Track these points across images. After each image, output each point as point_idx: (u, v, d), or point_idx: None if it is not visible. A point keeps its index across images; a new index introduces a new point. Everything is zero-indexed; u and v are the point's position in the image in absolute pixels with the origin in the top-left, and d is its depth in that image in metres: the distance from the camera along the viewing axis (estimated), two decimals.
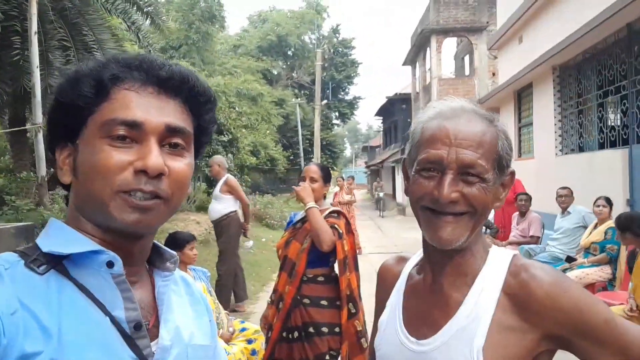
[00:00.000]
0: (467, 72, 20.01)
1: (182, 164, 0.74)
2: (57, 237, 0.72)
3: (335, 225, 2.68)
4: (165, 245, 3.39)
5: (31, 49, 7.42)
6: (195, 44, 23.26)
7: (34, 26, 7.71)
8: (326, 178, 2.88)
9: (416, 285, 1.01)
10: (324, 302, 2.67)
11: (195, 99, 0.77)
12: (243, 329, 3.61)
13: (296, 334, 2.67)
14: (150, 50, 12.08)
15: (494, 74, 16.37)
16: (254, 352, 3.48)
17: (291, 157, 25.65)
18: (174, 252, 0.84)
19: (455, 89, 17.72)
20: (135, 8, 10.95)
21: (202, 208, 12.31)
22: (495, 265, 0.93)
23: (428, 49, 18.46)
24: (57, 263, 0.69)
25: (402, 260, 1.10)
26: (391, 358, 0.99)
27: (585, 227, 5.79)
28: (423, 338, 0.93)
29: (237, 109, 13.70)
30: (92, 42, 9.88)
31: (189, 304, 0.86)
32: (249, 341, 3.50)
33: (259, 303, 6.61)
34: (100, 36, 10.02)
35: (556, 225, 6.25)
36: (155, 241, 0.82)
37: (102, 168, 0.69)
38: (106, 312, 0.69)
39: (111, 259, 0.70)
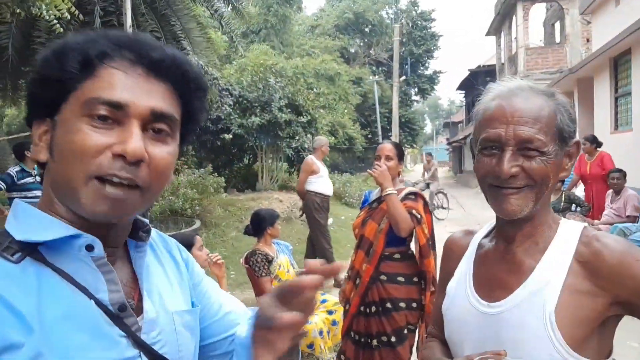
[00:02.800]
0: (557, 39, 18.64)
1: (164, 152, 0.70)
2: (29, 223, 0.68)
3: (414, 210, 2.69)
4: (252, 221, 3.68)
5: None
6: (274, 27, 23.72)
7: (129, 20, 8.37)
8: (400, 156, 2.90)
9: (487, 253, 1.08)
10: (400, 279, 2.73)
11: (186, 84, 0.73)
12: (323, 301, 3.81)
13: (374, 308, 2.76)
14: (232, 36, 12.56)
15: (588, 40, 15.12)
16: (334, 323, 3.67)
17: (369, 136, 25.54)
18: (146, 221, 0.80)
19: (545, 58, 16.62)
20: None
21: (284, 187, 12.74)
22: (567, 234, 0.99)
23: (514, 16, 17.39)
24: (32, 250, 0.66)
25: (469, 232, 1.19)
26: (461, 320, 1.06)
27: None
28: (495, 301, 1.00)
29: (315, 89, 13.89)
30: (179, 31, 10.47)
31: (169, 267, 0.85)
32: (330, 312, 3.70)
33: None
34: (187, 25, 10.59)
35: None
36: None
37: (78, 149, 0.65)
38: (90, 295, 0.67)
39: (90, 242, 0.68)
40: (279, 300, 0.73)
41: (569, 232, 0.99)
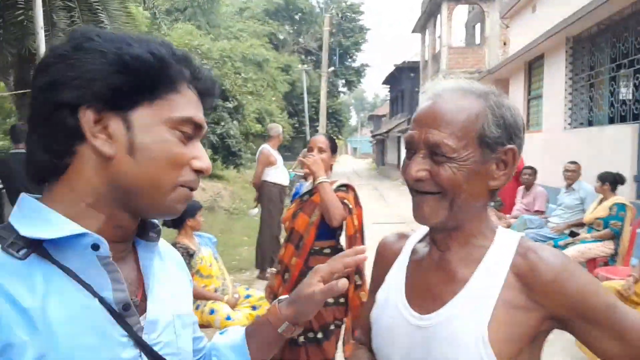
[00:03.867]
0: (477, 41, 19.60)
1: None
2: (35, 219, 0.68)
3: (345, 200, 2.66)
4: None
5: (35, 10, 7.28)
6: (201, 6, 22.78)
7: None
8: (333, 148, 2.85)
9: (421, 261, 1.02)
10: None
11: (209, 97, 0.81)
12: (248, 296, 3.67)
13: None
14: (155, 12, 11.86)
15: (505, 44, 16.03)
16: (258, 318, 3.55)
17: (296, 125, 25.48)
18: (157, 222, 0.83)
19: (465, 58, 17.40)
20: None
21: (208, 175, 12.36)
22: (503, 245, 0.94)
23: (439, 16, 18.03)
24: (38, 246, 0.66)
25: (403, 237, 1.12)
26: (390, 332, 1.00)
27: (583, 206, 5.77)
28: (426, 313, 0.94)
29: (242, 75, 13.52)
30: (96, 2, 9.69)
31: (172, 271, 0.88)
32: (254, 307, 3.57)
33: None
34: None
35: (559, 201, 6.24)
36: None
37: (172, 159, 0.72)
38: (94, 294, 0.68)
39: (96, 242, 0.68)
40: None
41: (505, 242, 0.95)
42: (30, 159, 0.71)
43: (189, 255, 3.30)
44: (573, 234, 5.64)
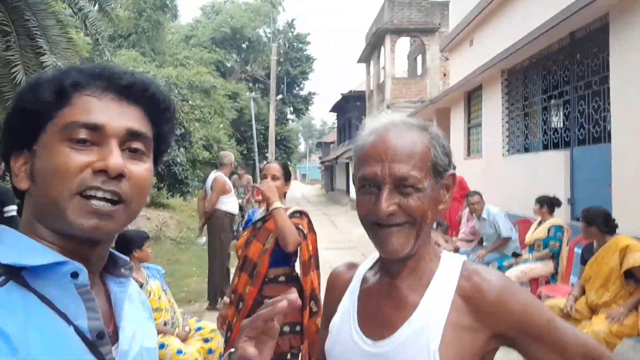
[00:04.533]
0: (419, 72, 20.45)
1: (141, 169, 0.75)
2: (15, 247, 0.70)
3: (300, 226, 2.67)
4: (116, 244, 3.32)
5: None
6: (146, 32, 22.46)
7: None
8: (287, 176, 2.87)
9: (371, 288, 1.05)
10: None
11: (155, 107, 0.79)
12: (199, 328, 3.55)
13: None
14: (98, 39, 11.57)
15: (445, 75, 16.83)
16: (210, 351, 3.43)
17: (245, 152, 25.35)
18: (127, 258, 0.84)
19: (408, 88, 18.08)
20: None
21: (153, 203, 11.97)
22: (448, 269, 0.99)
23: (382, 48, 18.71)
24: (16, 274, 0.67)
25: (353, 266, 1.14)
26: None
27: (500, 229, 5.94)
28: (379, 339, 0.96)
29: (189, 102, 13.36)
30: (34, 27, 9.33)
31: (138, 308, 0.89)
32: (206, 340, 3.45)
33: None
34: (44, 22, 9.49)
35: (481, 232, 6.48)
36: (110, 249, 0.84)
37: (60, 169, 0.69)
38: (69, 322, 0.69)
39: (76, 270, 0.70)
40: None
41: (450, 266, 0.99)
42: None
43: None
44: (515, 255, 5.89)
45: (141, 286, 3.21)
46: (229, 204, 6.05)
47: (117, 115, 0.73)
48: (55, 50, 9.54)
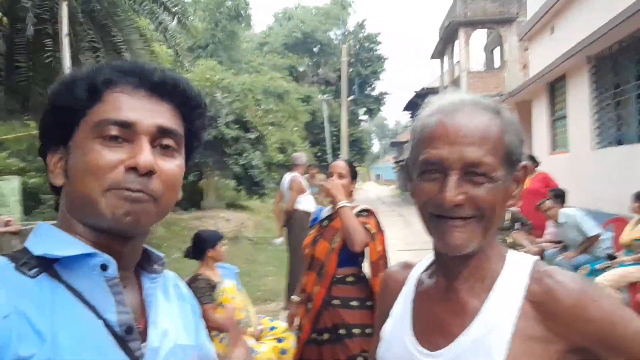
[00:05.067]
0: (497, 64, 19.56)
1: (172, 165, 0.75)
2: (48, 240, 0.72)
3: (367, 225, 2.59)
4: (193, 244, 3.43)
5: (62, 51, 7.60)
6: (222, 42, 23.46)
7: (65, 28, 7.91)
8: (353, 174, 2.81)
9: (427, 292, 0.94)
10: (354, 303, 2.60)
11: (186, 104, 0.78)
12: (272, 327, 3.59)
13: (326, 335, 2.60)
14: (177, 50, 12.24)
15: (525, 66, 15.94)
16: (283, 351, 3.45)
17: (318, 154, 25.61)
18: (162, 255, 0.85)
19: (485, 82, 17.35)
20: (162, 8, 11.09)
21: (232, 205, 12.41)
22: (515, 270, 0.86)
23: (456, 41, 18.12)
24: (48, 266, 0.69)
25: (408, 266, 1.04)
26: None
27: (583, 229, 5.42)
28: (435, 349, 0.86)
29: (263, 106, 13.73)
30: (120, 42, 10.06)
31: (176, 304, 0.88)
32: (279, 340, 3.48)
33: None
34: (129, 37, 10.21)
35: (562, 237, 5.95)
36: (145, 245, 0.83)
37: (93, 167, 0.70)
38: (98, 315, 0.70)
39: (105, 262, 0.71)
40: None
41: (518, 267, 0.87)
42: None
43: (211, 288, 3.26)
44: (611, 257, 5.40)
45: (216, 286, 3.30)
46: (306, 202, 6.14)
47: (148, 112, 0.73)
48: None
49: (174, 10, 11.42)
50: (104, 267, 0.71)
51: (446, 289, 0.90)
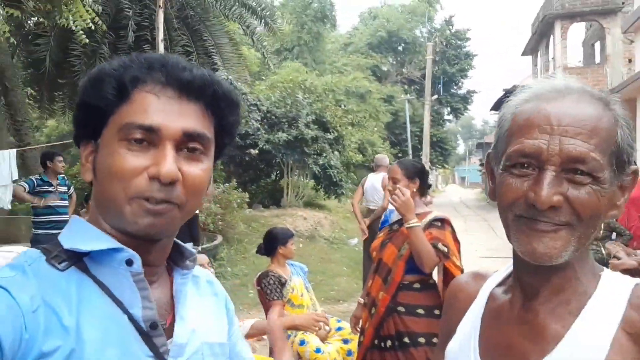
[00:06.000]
0: (597, 59, 18.05)
1: (198, 169, 0.74)
2: (79, 235, 0.73)
3: (439, 245, 2.44)
4: (265, 240, 3.52)
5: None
6: (307, 44, 23.91)
7: (161, 34, 8.50)
8: (414, 174, 2.64)
9: (500, 310, 0.82)
10: (420, 311, 2.50)
11: (216, 102, 0.76)
12: (339, 328, 3.58)
13: (389, 343, 2.54)
14: (263, 53, 12.66)
15: (630, 61, 14.54)
16: (349, 353, 3.43)
17: (399, 155, 25.25)
18: (194, 251, 0.84)
19: (584, 78, 16.04)
20: (250, 12, 11.53)
21: (310, 204, 12.60)
22: (611, 293, 0.74)
23: (552, 36, 16.97)
24: (78, 260, 0.71)
25: (480, 277, 0.91)
26: None
27: None
28: None
29: (342, 106, 13.81)
30: (211, 46, 10.63)
31: (208, 301, 0.88)
32: (345, 341, 3.46)
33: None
34: (219, 41, 10.75)
35: None
36: (177, 240, 0.82)
37: (118, 172, 0.69)
38: (124, 310, 0.70)
39: (130, 257, 0.71)
40: None
41: (614, 289, 0.74)
42: None
43: (280, 284, 3.32)
44: None
45: (285, 282, 3.36)
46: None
47: (174, 116, 0.71)
48: (228, 66, 10.71)
49: (261, 14, 11.85)
50: (129, 262, 0.72)
51: (523, 309, 0.78)
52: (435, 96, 24.79)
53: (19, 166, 7.06)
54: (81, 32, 4.72)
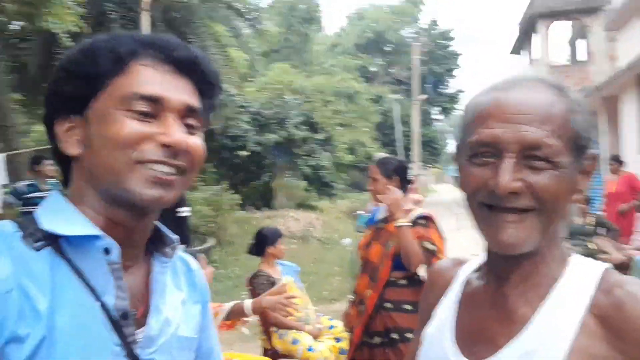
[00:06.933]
0: (583, 57, 18.27)
1: (198, 141, 0.74)
2: (58, 215, 0.71)
3: (427, 244, 2.45)
4: (255, 240, 3.52)
5: None
6: (295, 45, 23.94)
7: None
8: (389, 173, 2.64)
9: (475, 294, 0.84)
10: (407, 307, 2.51)
11: (203, 82, 0.77)
12: (331, 327, 3.59)
13: (378, 339, 2.55)
14: (251, 55, 12.65)
15: (613, 58, 14.73)
16: (343, 351, 3.43)
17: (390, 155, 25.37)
18: (176, 237, 0.82)
19: (568, 77, 16.19)
20: (236, 14, 11.51)
21: (302, 205, 12.59)
22: (579, 277, 0.75)
23: (536, 35, 17.14)
24: (54, 241, 0.69)
25: (459, 263, 0.92)
26: None
27: None
28: (478, 359, 0.77)
29: (330, 107, 13.83)
30: (197, 48, 10.59)
31: (185, 292, 0.86)
32: (337, 339, 3.47)
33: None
34: (205, 43, 10.70)
35: None
36: (157, 222, 0.81)
37: (121, 137, 0.68)
38: (96, 297, 0.69)
39: (108, 246, 0.70)
40: None
41: (583, 273, 0.75)
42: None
43: (270, 284, 3.31)
44: None
45: (275, 282, 3.36)
46: None
47: (174, 89, 0.72)
48: (214, 67, 10.70)
49: (247, 15, 11.83)
50: (107, 251, 0.70)
51: (495, 294, 0.79)
52: (424, 96, 24.91)
53: (8, 171, 6.99)
54: (65, 35, 4.68)
